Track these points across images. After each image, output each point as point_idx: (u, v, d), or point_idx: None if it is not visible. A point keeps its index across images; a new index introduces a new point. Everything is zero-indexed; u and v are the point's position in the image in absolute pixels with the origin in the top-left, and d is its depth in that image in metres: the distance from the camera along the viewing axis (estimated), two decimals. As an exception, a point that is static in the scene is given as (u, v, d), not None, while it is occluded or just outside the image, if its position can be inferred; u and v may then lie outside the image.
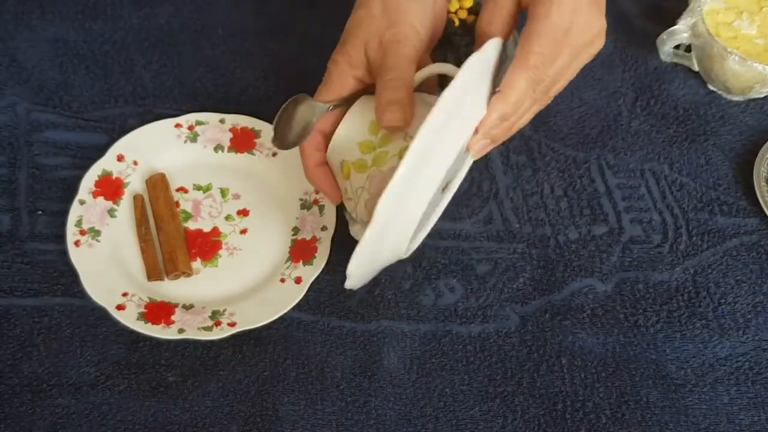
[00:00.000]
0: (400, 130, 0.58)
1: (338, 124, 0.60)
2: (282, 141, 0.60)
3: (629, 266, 0.71)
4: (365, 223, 0.55)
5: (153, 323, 0.63)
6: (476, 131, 0.57)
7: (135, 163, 0.71)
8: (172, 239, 0.68)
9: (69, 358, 0.63)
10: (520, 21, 0.60)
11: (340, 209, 0.69)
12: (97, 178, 0.70)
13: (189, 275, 0.67)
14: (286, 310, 0.65)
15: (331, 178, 0.63)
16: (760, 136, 0.79)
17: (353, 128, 0.60)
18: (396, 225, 0.56)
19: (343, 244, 0.67)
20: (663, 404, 0.65)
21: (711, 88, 0.83)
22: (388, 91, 0.58)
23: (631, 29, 0.86)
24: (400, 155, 0.56)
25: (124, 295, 0.65)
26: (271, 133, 0.60)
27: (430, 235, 0.65)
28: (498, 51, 0.59)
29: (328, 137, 0.62)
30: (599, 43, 0.60)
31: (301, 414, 0.62)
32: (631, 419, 0.64)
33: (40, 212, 0.70)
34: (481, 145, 0.58)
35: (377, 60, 0.59)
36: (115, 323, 0.64)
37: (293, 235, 0.70)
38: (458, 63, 0.81)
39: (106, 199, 0.69)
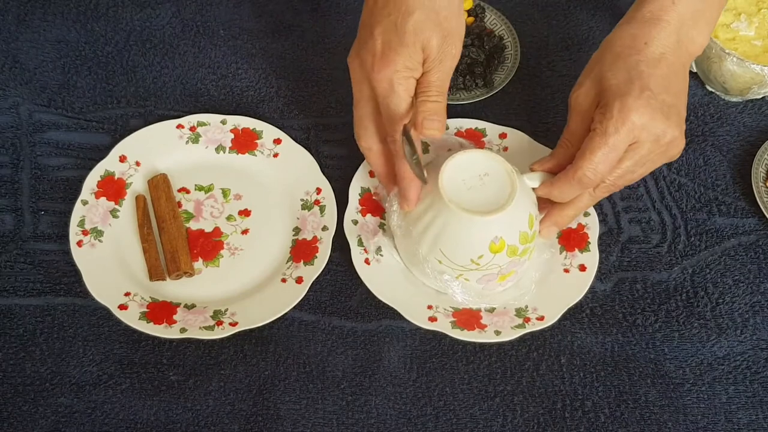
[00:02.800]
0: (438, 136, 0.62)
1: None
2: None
3: (628, 266, 0.71)
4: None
5: (155, 323, 0.64)
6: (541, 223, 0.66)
7: (137, 163, 0.72)
8: (174, 239, 0.68)
9: (71, 358, 0.64)
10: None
11: (341, 210, 0.69)
12: (99, 179, 0.70)
13: (191, 275, 0.68)
14: (287, 310, 0.65)
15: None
16: (758, 137, 0.80)
17: (516, 216, 0.63)
18: None
19: (344, 244, 0.68)
20: (661, 403, 0.65)
21: (709, 89, 0.83)
22: (431, 104, 0.61)
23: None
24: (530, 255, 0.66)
25: (127, 294, 0.65)
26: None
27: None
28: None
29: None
30: (674, 150, 0.62)
31: (302, 413, 0.63)
32: (630, 418, 0.64)
33: (42, 212, 0.70)
34: (549, 231, 0.67)
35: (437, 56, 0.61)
36: (118, 323, 0.64)
37: (294, 235, 0.70)
38: (458, 63, 0.82)
39: (109, 199, 0.70)
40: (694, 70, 0.83)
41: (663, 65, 0.61)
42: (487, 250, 0.62)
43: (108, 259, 0.67)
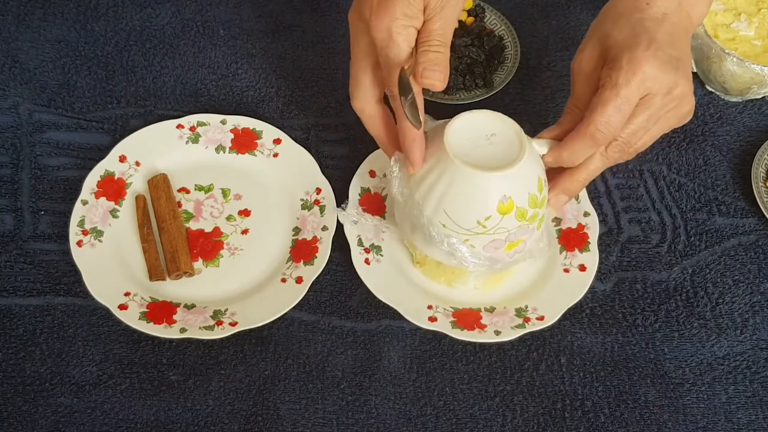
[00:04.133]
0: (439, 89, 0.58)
1: None
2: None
3: (628, 266, 0.72)
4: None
5: (155, 323, 0.64)
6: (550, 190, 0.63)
7: (137, 163, 0.72)
8: (174, 239, 0.68)
9: (71, 357, 0.64)
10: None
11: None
12: (99, 179, 0.70)
13: (190, 275, 0.68)
14: (287, 310, 0.65)
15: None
16: (758, 137, 0.80)
17: (526, 175, 0.61)
18: None
19: (344, 244, 0.68)
20: (661, 403, 0.65)
21: (709, 89, 0.83)
22: (432, 54, 0.58)
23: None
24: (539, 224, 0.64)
25: (127, 294, 0.65)
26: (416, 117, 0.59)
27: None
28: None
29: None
30: (686, 107, 0.61)
31: (302, 413, 0.63)
32: (630, 418, 0.64)
33: (42, 212, 0.70)
34: (558, 200, 0.65)
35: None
36: (118, 323, 0.64)
37: (294, 235, 0.70)
38: (458, 64, 0.82)
39: (109, 199, 0.70)
40: (694, 69, 0.83)
41: (667, 23, 0.60)
42: (495, 210, 0.59)
43: (108, 259, 0.67)
